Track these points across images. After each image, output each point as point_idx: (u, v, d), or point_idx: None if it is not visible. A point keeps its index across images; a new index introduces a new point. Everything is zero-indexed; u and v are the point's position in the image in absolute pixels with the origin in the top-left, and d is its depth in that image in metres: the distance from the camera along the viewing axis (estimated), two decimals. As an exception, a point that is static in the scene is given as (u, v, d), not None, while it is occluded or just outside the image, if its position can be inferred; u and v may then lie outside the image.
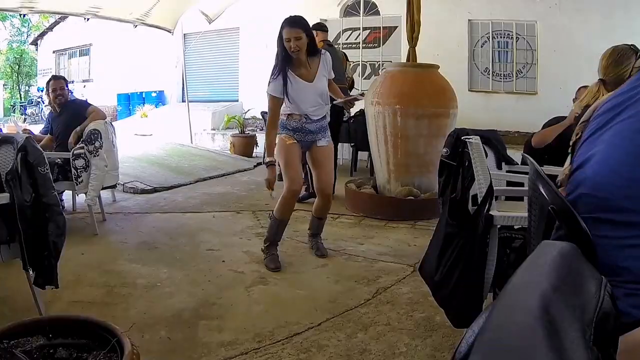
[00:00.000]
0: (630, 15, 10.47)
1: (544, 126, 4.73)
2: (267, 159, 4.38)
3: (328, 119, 4.61)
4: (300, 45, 4.22)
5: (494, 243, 2.56)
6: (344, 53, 8.45)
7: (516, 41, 12.08)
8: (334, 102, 4.74)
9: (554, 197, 1.36)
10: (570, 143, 1.81)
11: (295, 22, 4.26)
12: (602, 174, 1.40)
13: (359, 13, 13.61)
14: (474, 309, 2.44)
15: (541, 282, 0.71)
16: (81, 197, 5.77)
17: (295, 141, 4.41)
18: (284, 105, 4.39)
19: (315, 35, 5.74)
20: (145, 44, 15.79)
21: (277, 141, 4.42)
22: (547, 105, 7.42)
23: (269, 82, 4.38)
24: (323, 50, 4.57)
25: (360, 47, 13.16)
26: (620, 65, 3.04)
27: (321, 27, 7.15)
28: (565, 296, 0.71)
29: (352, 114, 9.26)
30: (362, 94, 6.11)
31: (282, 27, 4.26)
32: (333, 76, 4.66)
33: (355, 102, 5.02)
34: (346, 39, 13.65)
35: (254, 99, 13.57)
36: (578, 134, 1.73)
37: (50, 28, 21.92)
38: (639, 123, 1.38)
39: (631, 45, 3.22)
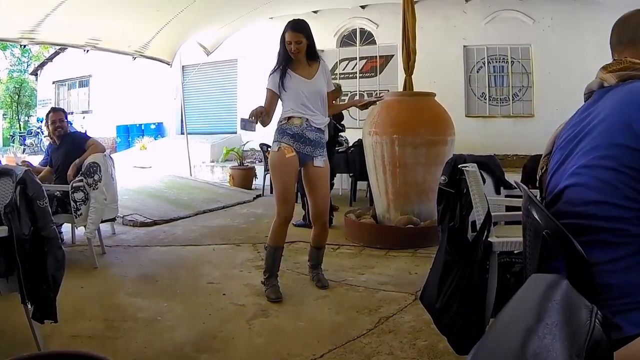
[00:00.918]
0: (622, 33, 10.58)
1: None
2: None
3: (327, 136, 4.61)
4: (300, 48, 4.34)
5: (493, 269, 2.56)
6: (339, 85, 8.54)
7: (511, 65, 12.25)
8: (357, 104, 4.87)
9: (547, 222, 1.37)
10: (537, 177, 1.85)
11: (297, 27, 4.37)
12: (575, 203, 1.43)
13: (356, 43, 13.76)
14: (476, 335, 2.43)
15: (526, 319, 0.72)
16: (80, 230, 5.77)
17: (295, 154, 4.36)
18: (284, 106, 4.44)
19: None
20: (144, 75, 15.92)
21: (275, 150, 4.40)
22: (544, 127, 7.44)
23: (268, 76, 4.48)
24: (322, 59, 4.66)
25: (357, 77, 13.29)
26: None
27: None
28: (552, 330, 0.71)
29: (351, 144, 9.32)
30: (381, 97, 6.05)
31: (285, 30, 4.37)
32: (332, 88, 4.74)
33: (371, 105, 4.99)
34: (343, 69, 13.78)
35: (253, 132, 13.64)
36: (543, 167, 1.77)
37: (50, 58, 22.06)
38: (598, 154, 1.42)
39: None
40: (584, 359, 0.73)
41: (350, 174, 9.32)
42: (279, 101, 4.47)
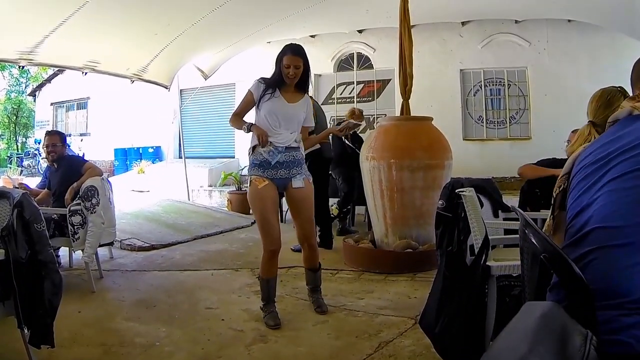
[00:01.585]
0: (616, 55, 10.79)
1: (538, 163, 4.82)
2: (245, 126, 4.34)
3: (302, 153, 4.46)
4: (297, 73, 4.27)
5: (492, 293, 2.57)
6: (361, 110, 8.66)
7: (508, 88, 12.39)
8: (339, 126, 4.87)
9: (545, 245, 1.37)
10: (554, 194, 1.85)
11: (298, 51, 4.30)
12: (610, 209, 1.44)
13: (353, 67, 13.85)
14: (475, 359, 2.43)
15: (519, 348, 0.73)
16: (78, 254, 5.76)
17: (267, 182, 4.25)
18: (251, 135, 4.34)
19: None
20: (142, 98, 15.99)
21: (248, 185, 4.35)
22: (541, 149, 7.53)
23: (254, 81, 4.44)
24: (309, 95, 4.64)
25: (355, 101, 13.35)
26: (610, 107, 3.07)
27: None
28: (544, 357, 0.72)
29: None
30: (358, 124, 5.99)
31: (284, 52, 4.30)
32: (312, 124, 4.68)
33: (354, 127, 4.99)
34: (340, 94, 13.87)
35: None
36: (561, 186, 1.78)
37: (49, 80, 22.11)
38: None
39: (619, 87, 3.26)
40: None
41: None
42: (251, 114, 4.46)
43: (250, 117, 4.45)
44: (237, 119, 4.47)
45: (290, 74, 4.25)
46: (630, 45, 10.39)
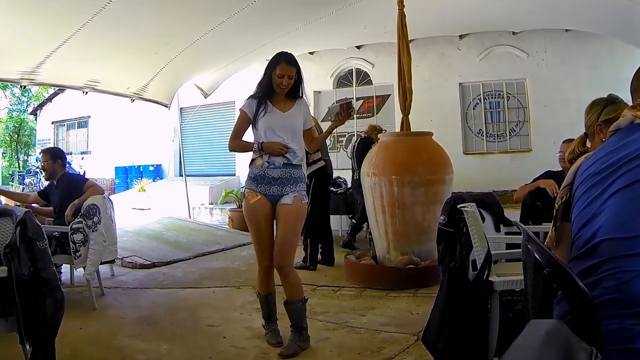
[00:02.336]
0: (615, 63, 10.82)
1: (534, 180, 4.84)
2: (256, 145, 4.13)
3: (304, 172, 4.28)
4: (290, 84, 4.12)
5: (495, 308, 2.56)
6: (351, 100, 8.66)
7: (507, 100, 12.42)
8: (335, 105, 4.47)
9: (548, 260, 1.37)
10: (556, 206, 1.85)
11: (292, 60, 4.16)
12: (619, 220, 1.43)
13: (352, 83, 13.89)
14: (479, 376, 2.42)
15: None
16: (79, 271, 5.76)
17: (260, 196, 4.08)
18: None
19: None
20: (142, 117, 16.06)
21: (243, 198, 4.28)
22: (542, 160, 7.50)
23: (245, 100, 4.32)
24: (302, 98, 4.36)
25: (355, 117, 13.38)
26: (587, 114, 3.05)
27: None
28: None
29: (349, 185, 9.35)
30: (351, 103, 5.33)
31: (277, 61, 4.13)
32: (312, 124, 4.41)
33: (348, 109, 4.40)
34: (340, 110, 13.84)
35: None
36: (563, 197, 1.77)
37: (50, 99, 22.26)
38: None
39: (609, 95, 3.19)
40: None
41: (350, 215, 9.31)
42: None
43: (248, 136, 4.38)
44: (238, 142, 4.34)
45: (284, 84, 4.10)
46: (629, 53, 10.44)
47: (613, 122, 2.55)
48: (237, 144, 4.37)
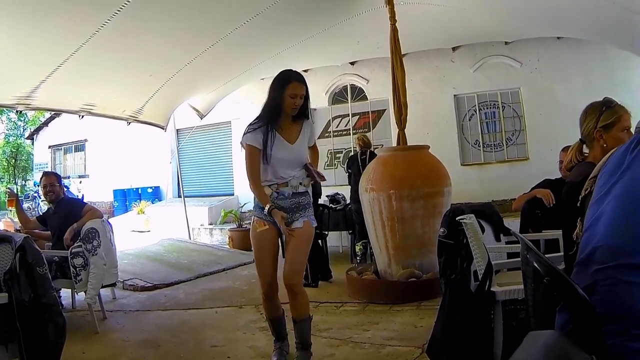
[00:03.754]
0: (609, 69, 10.88)
1: (533, 189, 4.86)
2: (267, 207, 3.87)
3: (309, 197, 4.18)
4: (301, 103, 3.96)
5: (498, 318, 2.56)
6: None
7: (502, 110, 12.44)
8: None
9: (547, 269, 1.38)
10: (580, 197, 1.84)
11: (302, 78, 3.98)
12: (615, 225, 1.43)
13: (347, 99, 13.93)
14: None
15: None
16: (81, 295, 5.75)
17: (267, 226, 4.00)
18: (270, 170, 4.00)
19: None
20: (139, 139, 16.07)
21: (251, 223, 4.15)
22: (539, 168, 7.52)
23: (245, 133, 4.00)
24: (310, 118, 4.20)
25: (351, 134, 13.40)
26: (582, 121, 3.05)
27: None
28: None
29: (348, 202, 9.34)
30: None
31: (287, 80, 3.93)
32: (314, 142, 4.30)
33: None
34: (336, 127, 13.93)
35: (250, 192, 13.71)
36: (587, 189, 1.77)
37: (46, 123, 22.22)
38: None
39: (604, 99, 3.17)
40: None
41: (350, 232, 9.30)
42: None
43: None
44: (260, 187, 4.00)
45: (296, 104, 3.93)
46: (622, 58, 10.49)
47: (612, 126, 2.56)
48: (258, 191, 4.01)
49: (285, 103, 3.91)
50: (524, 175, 10.21)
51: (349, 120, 13.78)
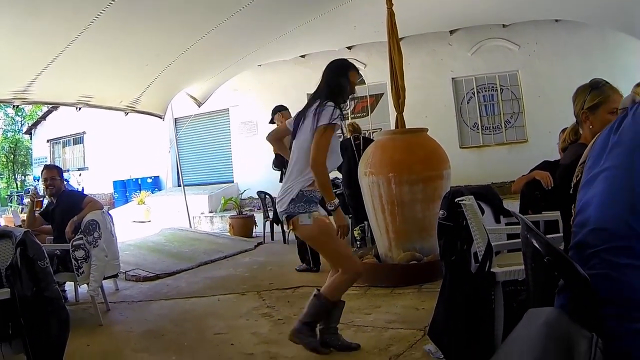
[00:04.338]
0: (607, 51, 10.86)
1: (531, 171, 4.85)
2: (334, 202, 3.76)
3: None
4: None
5: (499, 299, 2.57)
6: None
7: (501, 93, 12.44)
8: None
9: (547, 249, 1.37)
10: (572, 184, 1.84)
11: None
12: (606, 208, 1.43)
13: (345, 84, 13.88)
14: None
15: (522, 359, 0.72)
16: (83, 288, 5.76)
17: (328, 220, 3.99)
18: (307, 171, 3.79)
19: (280, 117, 5.85)
20: (137, 130, 16.06)
21: (308, 222, 3.78)
22: (538, 151, 7.52)
23: (333, 110, 3.76)
24: None
25: (349, 118, 13.39)
26: (573, 102, 3.04)
27: (283, 108, 7.30)
28: None
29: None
30: None
31: (349, 67, 3.95)
32: None
33: None
34: (334, 111, 13.86)
35: (249, 179, 13.75)
36: (578, 175, 1.77)
37: (44, 117, 22.19)
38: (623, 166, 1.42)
39: (592, 80, 3.14)
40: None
41: (349, 216, 9.29)
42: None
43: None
44: (326, 169, 3.80)
45: (354, 92, 3.93)
46: (620, 41, 10.47)
47: (598, 108, 2.55)
48: (328, 181, 3.81)
49: (350, 89, 3.88)
50: (522, 158, 10.22)
51: (348, 106, 13.76)
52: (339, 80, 3.88)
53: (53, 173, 5.99)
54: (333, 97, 3.83)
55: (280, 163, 7.39)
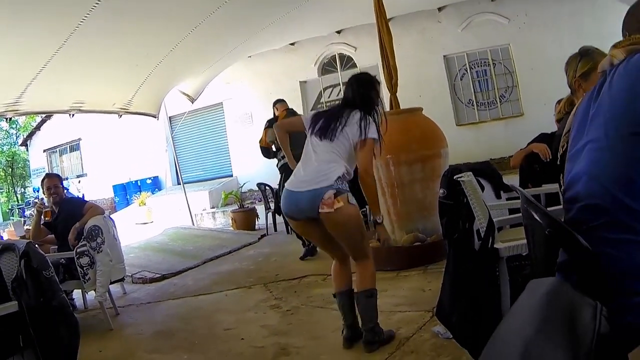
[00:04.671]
0: (598, 19, 10.80)
1: (529, 144, 4.84)
2: (382, 216, 4.00)
3: None
4: None
5: (504, 275, 2.56)
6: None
7: (493, 67, 12.40)
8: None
9: (548, 221, 1.36)
10: (558, 155, 1.83)
11: None
12: (592, 183, 1.42)
13: (337, 69, 13.86)
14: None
15: (525, 330, 0.71)
16: (91, 294, 5.77)
17: None
18: (343, 166, 3.88)
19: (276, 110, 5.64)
20: (133, 131, 16.07)
21: (353, 211, 3.82)
22: (535, 124, 7.50)
23: (376, 127, 3.93)
24: None
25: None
26: (566, 72, 3.03)
27: (280, 101, 7.37)
28: (552, 338, 0.71)
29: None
30: None
31: (377, 82, 4.16)
32: None
33: None
34: (328, 97, 13.89)
35: (248, 171, 13.73)
36: (564, 145, 1.75)
37: (38, 127, 22.15)
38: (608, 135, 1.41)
39: (581, 48, 3.12)
40: (595, 356, 0.72)
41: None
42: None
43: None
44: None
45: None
46: (611, 8, 10.38)
47: (590, 74, 2.53)
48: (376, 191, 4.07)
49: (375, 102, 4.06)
50: (519, 131, 10.20)
51: (340, 90, 13.73)
52: (370, 93, 4.05)
53: (55, 181, 5.98)
54: (368, 110, 3.97)
55: (267, 153, 7.70)
